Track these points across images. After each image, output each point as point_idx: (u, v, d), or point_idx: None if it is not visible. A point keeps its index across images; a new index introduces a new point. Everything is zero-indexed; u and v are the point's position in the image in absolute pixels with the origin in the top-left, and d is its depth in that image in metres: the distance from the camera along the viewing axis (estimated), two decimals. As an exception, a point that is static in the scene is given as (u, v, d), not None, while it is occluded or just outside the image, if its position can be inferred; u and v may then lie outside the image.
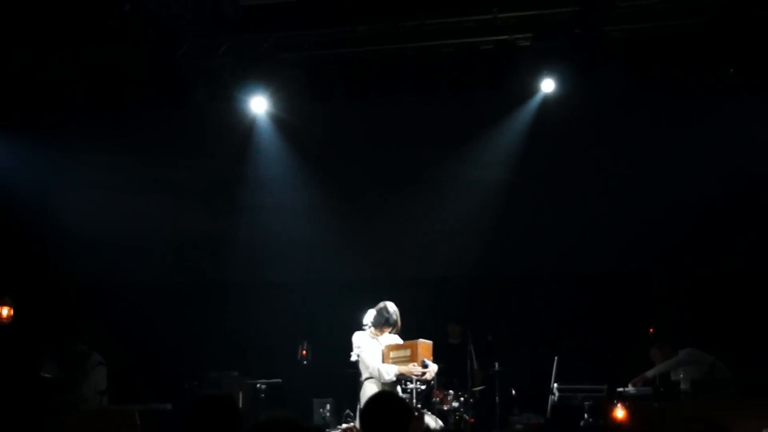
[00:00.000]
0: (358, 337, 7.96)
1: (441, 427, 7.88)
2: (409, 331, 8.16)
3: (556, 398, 8.90)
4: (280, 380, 9.64)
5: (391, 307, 7.99)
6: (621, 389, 8.67)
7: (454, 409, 8.53)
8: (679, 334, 9.39)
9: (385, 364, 7.83)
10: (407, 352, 7.86)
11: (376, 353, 7.87)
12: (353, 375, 7.95)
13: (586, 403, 8.72)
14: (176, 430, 3.90)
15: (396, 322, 7.98)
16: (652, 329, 9.43)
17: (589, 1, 8.24)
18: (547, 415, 9.03)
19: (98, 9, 8.57)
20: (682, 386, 8.42)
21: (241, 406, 9.52)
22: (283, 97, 9.48)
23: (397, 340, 8.06)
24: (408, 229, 10.59)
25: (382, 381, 7.77)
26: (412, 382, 7.79)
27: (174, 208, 10.67)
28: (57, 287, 11.01)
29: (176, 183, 10.77)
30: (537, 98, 9.45)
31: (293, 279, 10.84)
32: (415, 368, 7.74)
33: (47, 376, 8.95)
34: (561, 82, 8.94)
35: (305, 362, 9.48)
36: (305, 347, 9.48)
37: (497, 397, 9.13)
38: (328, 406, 9.27)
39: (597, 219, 10.14)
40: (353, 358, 7.83)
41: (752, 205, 9.69)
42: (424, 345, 7.89)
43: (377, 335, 7.98)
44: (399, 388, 7.82)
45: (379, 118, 9.95)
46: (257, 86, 9.24)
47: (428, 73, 8.89)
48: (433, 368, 7.84)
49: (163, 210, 10.66)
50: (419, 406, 7.78)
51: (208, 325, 10.82)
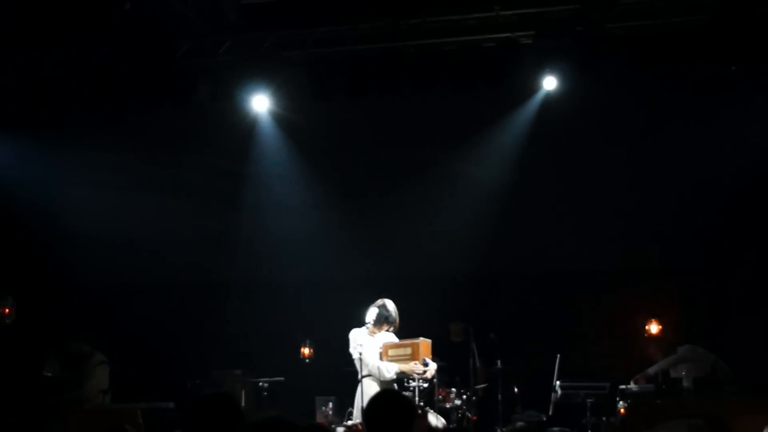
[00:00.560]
0: (357, 335, 7.95)
1: (443, 425, 7.88)
2: (411, 329, 8.17)
3: (558, 396, 8.90)
4: (282, 378, 9.64)
5: (391, 305, 7.99)
6: (623, 387, 8.67)
7: (457, 407, 8.52)
8: (680, 332, 9.40)
9: (385, 362, 7.83)
10: (408, 351, 7.86)
11: (375, 351, 7.88)
12: (355, 373, 7.94)
13: (588, 400, 8.72)
14: (179, 428, 3.89)
15: (395, 320, 7.99)
16: (654, 327, 9.43)
17: (591, -2, 8.24)
18: (550, 413, 9.03)
19: (99, 7, 8.56)
20: (684, 384, 8.42)
21: (243, 404, 9.51)
22: (284, 96, 9.46)
23: (392, 338, 8.05)
24: (410, 227, 10.58)
25: (382, 379, 7.77)
26: (414, 380, 7.80)
27: (176, 207, 10.66)
28: (59, 286, 11.02)
29: (178, 182, 10.77)
30: (539, 96, 9.43)
31: (295, 277, 10.84)
32: (416, 366, 7.75)
33: (50, 375, 8.97)
34: (563, 79, 8.92)
35: (308, 360, 9.47)
36: (307, 345, 9.47)
37: (500, 395, 9.12)
38: (330, 404, 9.25)
39: (600, 217, 10.14)
40: (354, 356, 7.83)
41: (756, 203, 9.68)
42: (425, 343, 7.90)
43: (374, 333, 7.97)
44: (395, 386, 7.81)
45: (381, 116, 9.95)
46: (259, 84, 9.22)
47: (430, 71, 8.87)
48: (433, 366, 7.86)
49: (165, 209, 10.65)
50: (422, 404, 7.78)
51: (211, 323, 10.83)
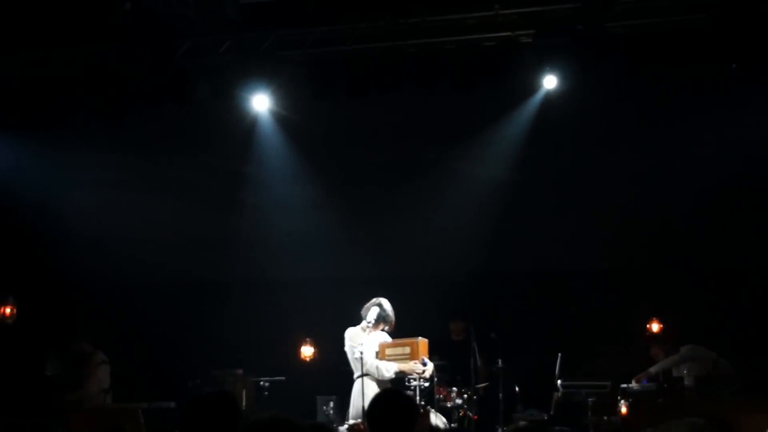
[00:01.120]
0: (355, 334, 7.92)
1: (444, 424, 7.88)
2: (412, 328, 8.16)
3: (560, 395, 8.90)
4: (283, 378, 9.65)
5: (387, 304, 7.98)
6: (625, 385, 8.67)
7: (458, 406, 8.53)
8: (682, 331, 9.40)
9: (384, 362, 7.81)
10: (406, 350, 7.84)
11: (373, 350, 7.86)
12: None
13: (589, 399, 8.72)
14: (178, 428, 3.89)
15: (392, 320, 7.98)
16: (655, 326, 9.44)
17: (590, -3, 8.24)
18: (551, 412, 9.04)
19: (99, 8, 8.56)
20: (686, 382, 8.42)
21: (244, 404, 9.53)
22: (284, 95, 9.46)
23: (386, 337, 8.03)
24: (411, 226, 10.59)
25: (381, 378, 7.75)
26: (416, 380, 7.79)
27: (176, 207, 10.67)
28: (60, 286, 11.02)
29: (178, 181, 10.77)
30: (539, 95, 9.42)
31: (296, 276, 10.84)
32: (417, 366, 7.74)
33: (51, 374, 8.98)
34: (563, 78, 8.91)
35: (308, 360, 9.48)
36: (309, 345, 9.48)
37: (501, 394, 9.13)
38: (331, 404, 9.26)
39: (600, 215, 10.14)
40: (355, 355, 7.81)
41: (756, 202, 9.68)
42: (423, 343, 7.90)
43: (369, 332, 7.95)
44: (392, 385, 7.80)
45: (380, 115, 9.95)
46: (259, 84, 9.22)
47: (430, 71, 8.86)
48: (431, 366, 7.86)
49: (166, 208, 10.67)
50: (423, 403, 7.78)
51: (212, 323, 10.84)
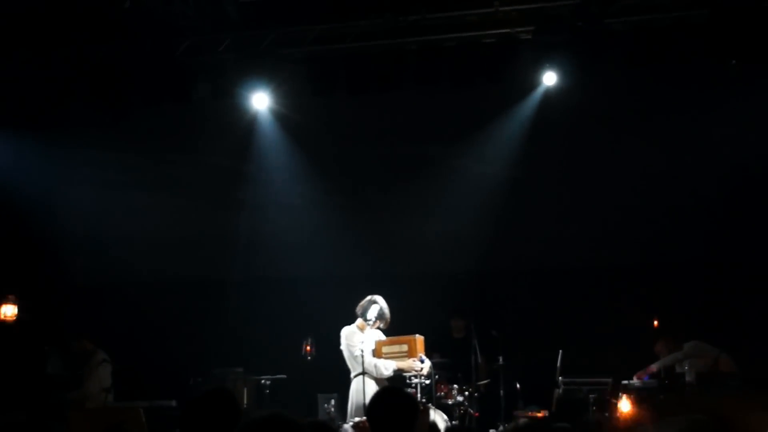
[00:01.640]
0: (351, 333, 7.90)
1: (445, 421, 7.88)
2: (413, 325, 8.16)
3: (560, 391, 8.89)
4: (284, 376, 9.64)
5: (383, 301, 7.98)
6: (626, 382, 8.66)
7: (459, 404, 8.52)
8: (685, 327, 9.38)
9: (382, 360, 7.80)
10: (404, 347, 7.84)
11: (369, 349, 7.85)
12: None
13: (591, 396, 8.70)
14: (179, 427, 3.88)
15: (389, 316, 7.97)
16: (657, 323, 9.42)
17: (590, -7, 8.24)
18: (552, 409, 9.02)
19: (99, 6, 8.57)
20: (687, 379, 8.40)
21: (245, 402, 9.53)
22: (284, 93, 9.47)
23: (381, 335, 8.02)
24: (411, 224, 10.58)
25: (379, 377, 7.73)
26: (416, 377, 7.80)
27: (176, 205, 10.66)
28: (61, 285, 11.02)
29: (178, 180, 10.77)
30: (539, 91, 9.43)
31: (297, 275, 10.83)
32: (414, 363, 7.75)
33: (52, 373, 8.98)
34: (563, 75, 8.92)
35: (309, 358, 9.47)
36: (309, 343, 9.47)
37: (502, 391, 9.12)
38: (332, 402, 9.24)
39: (600, 212, 10.12)
40: (355, 353, 7.80)
41: (757, 198, 9.66)
42: (420, 340, 7.90)
43: (363, 330, 7.94)
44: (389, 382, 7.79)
45: (380, 113, 9.94)
46: (259, 82, 9.23)
47: (430, 68, 8.88)
48: (428, 363, 7.86)
49: (166, 206, 10.66)
50: (424, 400, 7.78)
51: (213, 321, 10.82)
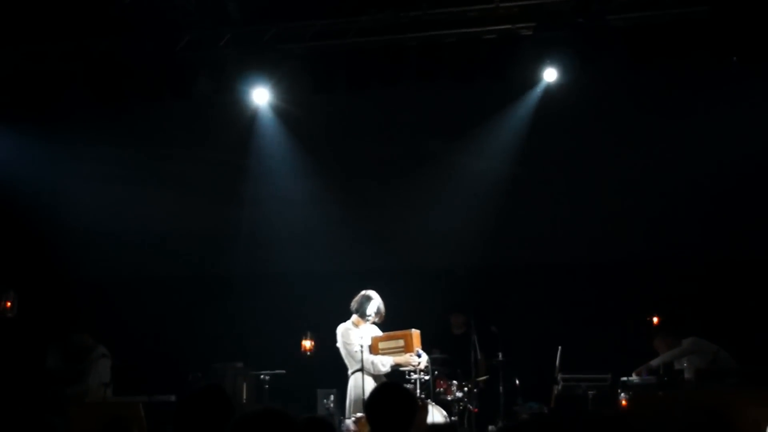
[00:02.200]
0: (347, 330, 7.88)
1: (445, 417, 7.88)
2: (411, 321, 8.16)
3: (560, 388, 8.89)
4: (284, 371, 9.65)
5: (377, 295, 7.96)
6: (625, 378, 8.66)
7: (458, 400, 8.53)
8: (684, 323, 9.38)
9: (379, 356, 7.78)
10: (400, 342, 7.81)
11: (366, 345, 7.83)
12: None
13: (590, 392, 8.70)
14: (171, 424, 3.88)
15: (384, 312, 7.96)
16: (656, 319, 9.42)
17: (591, -10, 8.23)
18: (552, 405, 9.03)
19: (100, 1, 8.56)
20: (686, 375, 8.40)
21: (245, 397, 9.54)
22: (285, 89, 9.46)
23: (375, 330, 8.01)
24: (411, 220, 10.58)
25: (377, 373, 7.71)
26: (415, 373, 7.79)
27: (177, 200, 10.66)
28: (60, 280, 11.01)
29: (178, 175, 10.76)
30: (539, 88, 9.42)
31: (297, 270, 10.84)
32: (412, 358, 7.73)
33: (51, 368, 8.97)
34: (563, 71, 8.91)
35: (309, 353, 9.48)
36: (309, 338, 9.47)
37: (501, 387, 9.14)
38: (332, 397, 9.26)
39: (600, 208, 10.12)
40: (355, 348, 7.79)
41: (757, 194, 9.66)
42: (416, 334, 7.87)
43: (358, 325, 7.93)
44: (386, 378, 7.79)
45: (381, 108, 9.93)
46: (259, 77, 9.22)
47: (430, 64, 8.85)
48: (425, 357, 7.84)
49: (166, 202, 10.66)
50: (423, 396, 7.78)
51: (212, 316, 10.83)
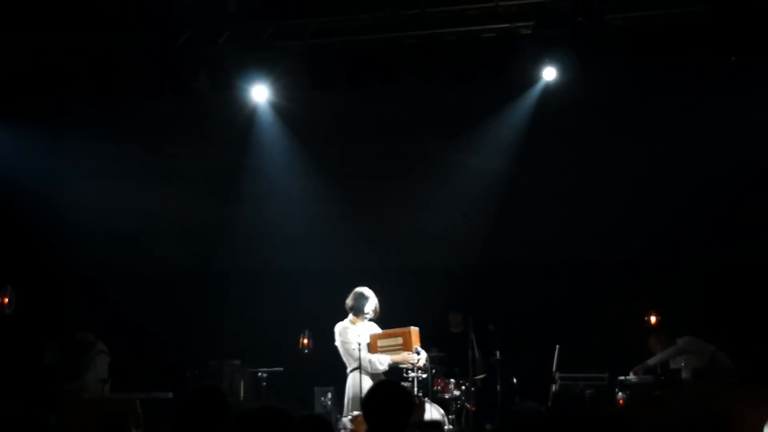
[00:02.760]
0: (345, 328, 7.86)
1: (442, 415, 7.88)
2: (410, 319, 8.15)
3: (557, 386, 8.90)
4: (281, 369, 9.65)
5: (371, 292, 7.93)
6: (622, 377, 8.68)
7: (456, 398, 8.52)
8: (678, 323, 9.39)
9: (377, 355, 7.74)
10: (398, 340, 7.76)
11: (364, 343, 7.81)
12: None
13: (587, 391, 8.72)
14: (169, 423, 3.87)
15: (378, 308, 7.94)
16: (653, 318, 9.43)
17: (590, -12, 8.23)
18: (549, 404, 9.04)
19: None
20: (684, 375, 8.42)
21: (242, 394, 9.54)
22: (284, 86, 9.46)
23: (373, 327, 7.99)
24: (410, 218, 10.58)
25: (374, 372, 7.68)
26: (413, 371, 7.76)
27: (175, 197, 10.66)
28: (58, 276, 11.02)
29: (177, 172, 10.77)
30: (539, 86, 9.43)
31: (294, 267, 10.84)
32: (411, 356, 7.68)
33: (49, 364, 8.98)
34: (563, 70, 8.91)
35: (306, 351, 9.48)
36: (306, 336, 9.48)
37: (498, 386, 9.15)
38: (329, 395, 9.26)
39: (598, 208, 10.13)
40: (353, 346, 7.77)
41: (756, 195, 9.67)
42: (415, 332, 7.82)
43: (354, 323, 7.91)
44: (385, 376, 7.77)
45: (380, 106, 9.93)
46: (258, 75, 9.21)
47: (430, 62, 8.85)
48: (424, 354, 7.80)
49: (165, 198, 10.66)
50: (420, 394, 7.76)
51: (210, 313, 10.84)
